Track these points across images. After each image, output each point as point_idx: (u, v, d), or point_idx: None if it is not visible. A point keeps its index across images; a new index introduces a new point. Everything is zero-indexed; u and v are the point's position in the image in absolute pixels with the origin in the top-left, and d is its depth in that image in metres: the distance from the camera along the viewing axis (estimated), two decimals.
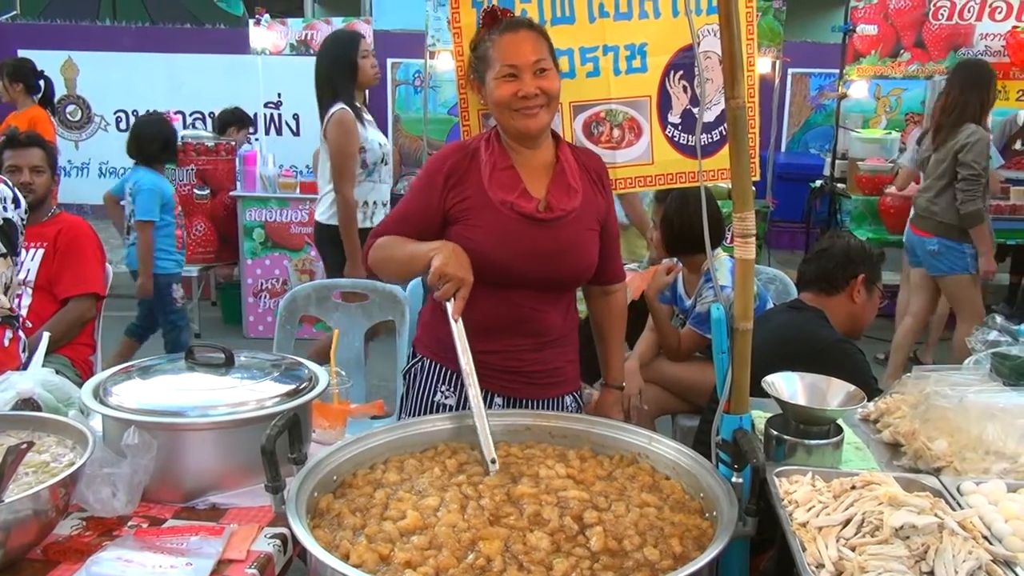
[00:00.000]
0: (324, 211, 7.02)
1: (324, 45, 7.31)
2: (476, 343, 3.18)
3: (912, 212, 8.65)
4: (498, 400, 3.60)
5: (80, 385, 3.33)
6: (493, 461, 2.83)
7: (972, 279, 8.20)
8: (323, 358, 3.88)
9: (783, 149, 16.47)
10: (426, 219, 3.52)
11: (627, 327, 4.07)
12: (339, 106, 6.62)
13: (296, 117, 15.60)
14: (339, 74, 6.76)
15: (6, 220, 4.26)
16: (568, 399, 3.77)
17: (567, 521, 2.53)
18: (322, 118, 6.78)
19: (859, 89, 12.44)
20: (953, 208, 7.99)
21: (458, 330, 3.07)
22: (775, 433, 3.00)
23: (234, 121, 11.75)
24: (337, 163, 6.70)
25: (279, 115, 15.65)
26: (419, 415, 3.60)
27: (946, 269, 8.25)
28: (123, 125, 15.94)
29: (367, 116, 6.92)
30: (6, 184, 4.40)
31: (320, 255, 7.45)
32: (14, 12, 16.85)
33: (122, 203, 8.81)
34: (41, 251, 5.47)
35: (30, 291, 5.37)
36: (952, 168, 7.97)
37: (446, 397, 3.66)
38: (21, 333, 4.46)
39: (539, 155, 3.57)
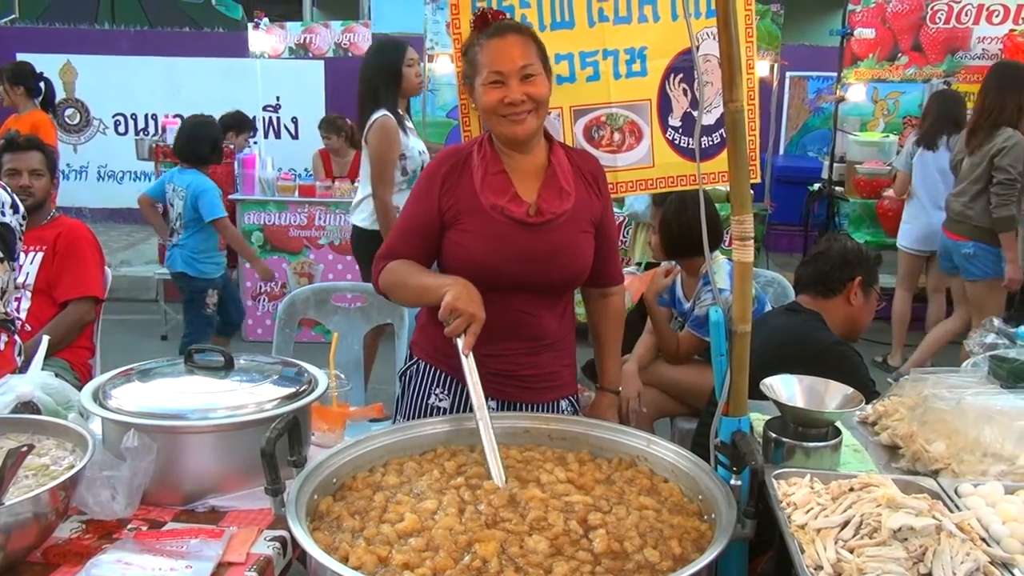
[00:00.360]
0: (365, 216, 7.03)
1: (369, 51, 7.30)
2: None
3: (945, 216, 8.61)
4: (492, 404, 3.55)
5: (79, 388, 3.34)
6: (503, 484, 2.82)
7: (1002, 285, 8.15)
8: None
9: (781, 152, 16.45)
10: (427, 225, 3.51)
11: (628, 331, 4.07)
12: (381, 113, 6.60)
13: (295, 120, 15.61)
14: (383, 81, 6.73)
15: (3, 225, 4.26)
16: (564, 403, 3.77)
17: (573, 525, 2.54)
18: (363, 123, 6.77)
19: (857, 92, 12.48)
20: (989, 212, 7.94)
21: (469, 365, 3.04)
22: (773, 435, 3.01)
23: (233, 125, 11.74)
24: (377, 168, 6.70)
25: (278, 118, 15.66)
26: (414, 417, 3.64)
27: (979, 273, 8.21)
28: (121, 128, 15.96)
29: (409, 124, 6.92)
30: (5, 189, 4.41)
31: (356, 259, 7.48)
32: (13, 16, 16.86)
33: (158, 205, 8.88)
34: (40, 254, 5.47)
35: (29, 294, 5.37)
36: (988, 172, 7.90)
37: (441, 400, 3.65)
38: (17, 337, 4.46)
39: (531, 159, 3.55)
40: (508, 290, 3.47)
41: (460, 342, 3.08)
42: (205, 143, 8.52)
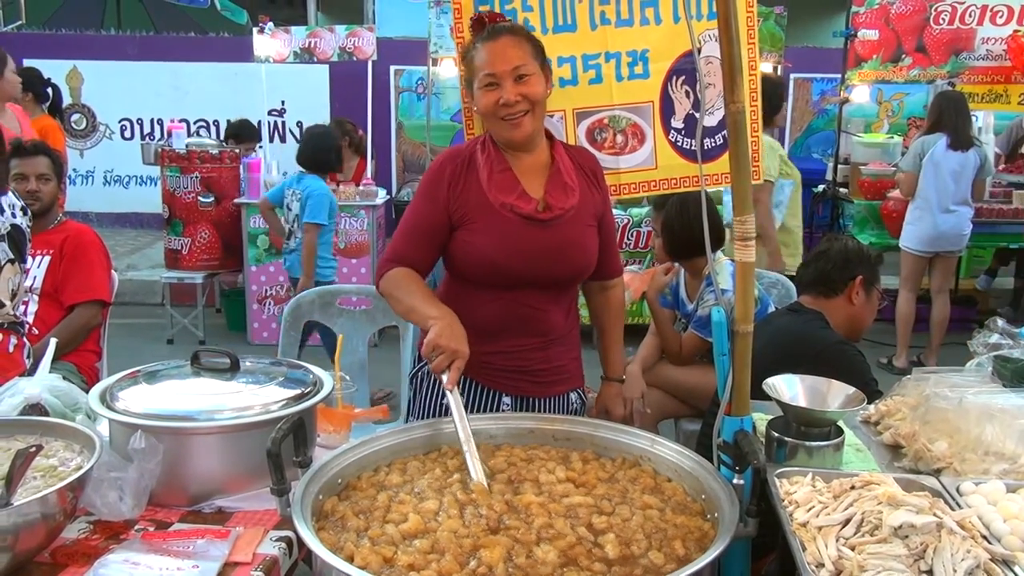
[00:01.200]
0: None
1: None
2: (483, 344, 3.29)
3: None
4: (506, 399, 3.65)
5: (86, 391, 3.36)
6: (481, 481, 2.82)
7: None
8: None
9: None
10: (433, 226, 3.54)
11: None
12: None
13: (299, 124, 15.57)
14: None
15: (14, 227, 4.29)
16: (573, 396, 3.82)
17: (582, 531, 2.54)
18: None
19: (861, 94, 12.48)
20: None
21: (455, 400, 3.05)
22: (776, 435, 3.02)
23: (231, 134, 11.79)
24: None
25: (283, 123, 15.63)
26: (427, 418, 3.64)
27: None
28: (128, 133, 15.96)
29: None
30: (14, 193, 4.43)
31: None
32: (20, 22, 16.87)
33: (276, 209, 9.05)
34: (47, 258, 5.49)
35: (36, 298, 5.39)
36: None
37: None
38: (26, 339, 4.48)
39: (535, 157, 3.59)
40: (517, 287, 3.51)
41: (445, 378, 3.10)
42: (330, 151, 8.71)
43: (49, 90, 9.96)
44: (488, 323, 3.48)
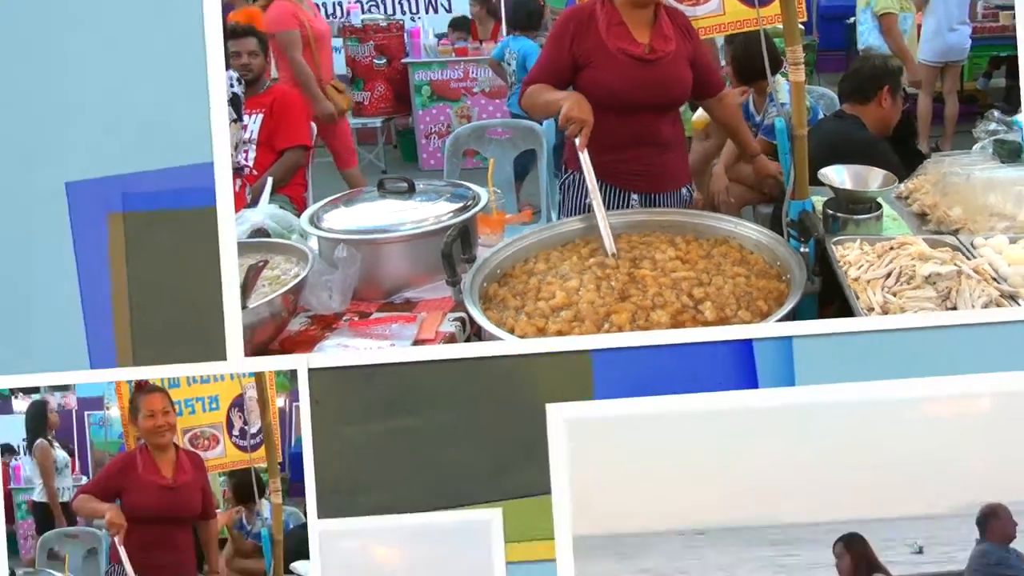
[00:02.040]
0: None
1: None
2: (611, 154, 3.36)
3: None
4: (634, 196, 3.66)
5: (298, 217, 3.47)
6: (614, 255, 2.90)
7: None
8: None
9: None
10: (560, 66, 3.57)
11: None
12: None
13: None
14: None
15: (234, 95, 4.40)
16: (684, 191, 3.88)
17: (684, 299, 2.60)
18: None
19: None
20: None
21: (584, 159, 3.11)
22: (831, 212, 3.13)
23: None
24: None
25: None
26: (575, 215, 3.66)
27: None
28: None
29: None
30: (229, 68, 4.56)
31: None
32: None
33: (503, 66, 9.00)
34: (261, 115, 5.58)
35: (254, 147, 5.50)
36: None
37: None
38: (245, 180, 4.62)
39: (644, 13, 3.60)
40: (633, 111, 3.56)
41: (577, 141, 3.17)
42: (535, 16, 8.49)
43: None
44: (614, 138, 3.48)
